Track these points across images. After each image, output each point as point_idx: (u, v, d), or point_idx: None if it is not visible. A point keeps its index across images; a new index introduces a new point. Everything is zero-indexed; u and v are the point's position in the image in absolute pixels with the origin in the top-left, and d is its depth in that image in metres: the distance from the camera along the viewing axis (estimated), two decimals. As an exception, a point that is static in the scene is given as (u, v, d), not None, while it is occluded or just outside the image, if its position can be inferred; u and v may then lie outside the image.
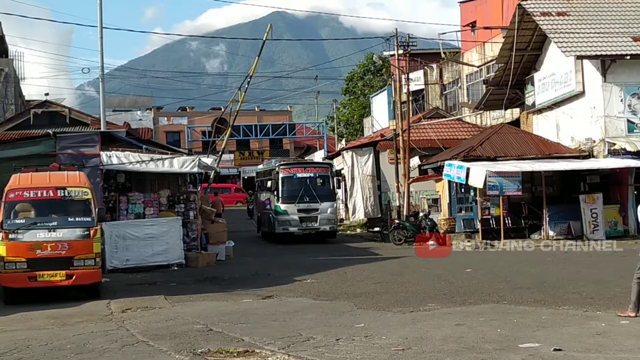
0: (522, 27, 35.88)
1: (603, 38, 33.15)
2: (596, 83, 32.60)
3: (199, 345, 11.83)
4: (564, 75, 34.39)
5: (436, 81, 55.12)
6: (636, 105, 32.25)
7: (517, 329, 12.40)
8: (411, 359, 10.41)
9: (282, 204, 33.96)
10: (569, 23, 34.40)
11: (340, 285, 19.65)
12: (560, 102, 35.25)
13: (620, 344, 11.04)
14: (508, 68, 37.65)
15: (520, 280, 19.29)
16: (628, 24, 34.48)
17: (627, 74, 32.37)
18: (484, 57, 47.08)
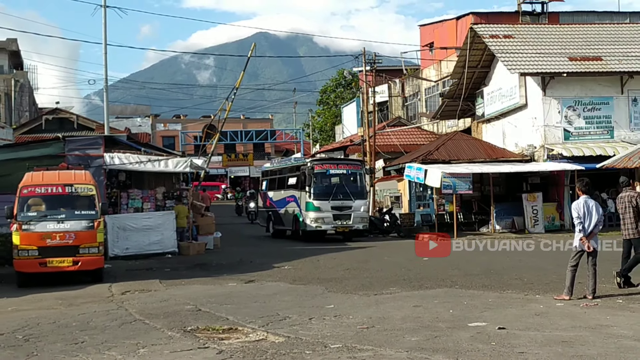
0: (474, 48, 36.03)
1: (543, 58, 33.42)
2: (537, 97, 32.81)
3: (189, 323, 11.78)
4: (510, 89, 34.60)
5: (399, 94, 55.25)
6: (571, 116, 32.51)
7: (467, 310, 12.42)
8: (374, 335, 10.41)
9: (315, 201, 29.33)
10: (514, 44, 34.63)
11: (314, 271, 19.63)
12: (506, 113, 35.46)
13: (555, 323, 11.09)
14: (461, 83, 37.86)
15: (470, 268, 19.32)
16: (565, 45, 34.77)
17: (563, 89, 32.62)
18: (440, 73, 47.25)
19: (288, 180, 32.67)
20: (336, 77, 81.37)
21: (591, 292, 13.37)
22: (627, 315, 11.72)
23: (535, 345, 9.45)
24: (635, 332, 10.17)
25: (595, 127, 32.54)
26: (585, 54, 33.90)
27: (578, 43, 35.17)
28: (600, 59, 33.46)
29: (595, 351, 9.03)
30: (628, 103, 32.87)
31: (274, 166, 37.34)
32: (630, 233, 14.70)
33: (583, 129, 32.56)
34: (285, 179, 33.10)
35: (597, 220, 13.52)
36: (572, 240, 13.98)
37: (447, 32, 49.92)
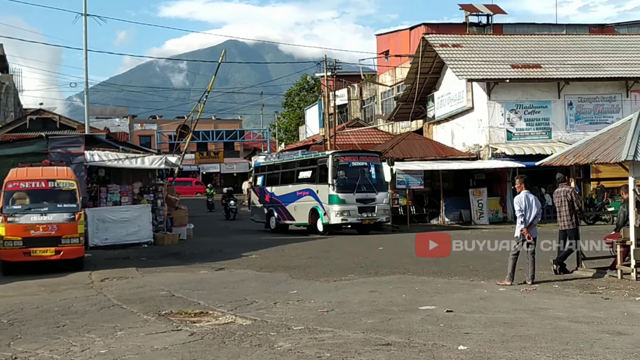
0: (425, 56, 36.23)
1: (488, 65, 33.68)
2: (482, 100, 33.09)
3: (163, 307, 11.72)
4: (458, 94, 34.84)
5: (357, 97, 55.39)
6: (513, 118, 32.83)
7: (418, 295, 12.47)
8: (334, 318, 10.43)
9: (339, 194, 26.71)
10: (462, 53, 34.86)
11: (279, 259, 19.59)
12: (455, 115, 35.70)
13: (498, 306, 11.19)
14: (414, 88, 38.07)
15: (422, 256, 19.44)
16: (507, 54, 35.09)
17: (506, 94, 32.93)
18: (395, 78, 47.43)
19: (298, 174, 29.79)
20: (300, 82, 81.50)
21: (530, 278, 13.51)
22: (562, 298, 11.86)
23: (480, 327, 9.53)
24: (569, 314, 10.30)
25: (535, 129, 32.92)
26: (526, 61, 34.23)
27: (520, 52, 35.52)
28: (539, 67, 33.82)
29: (534, 331, 9.12)
30: (564, 107, 33.29)
31: (273, 161, 33.60)
32: (566, 224, 14.89)
33: (524, 130, 32.91)
34: (294, 173, 30.17)
35: (536, 213, 13.69)
36: (513, 231, 14.14)
37: (402, 41, 50.09)
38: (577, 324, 9.54)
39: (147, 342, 9.06)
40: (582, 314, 10.34)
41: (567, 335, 8.82)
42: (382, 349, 8.31)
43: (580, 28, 48.54)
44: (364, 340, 8.87)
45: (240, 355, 8.24)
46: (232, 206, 38.66)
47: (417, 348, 8.34)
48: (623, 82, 33.63)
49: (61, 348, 8.91)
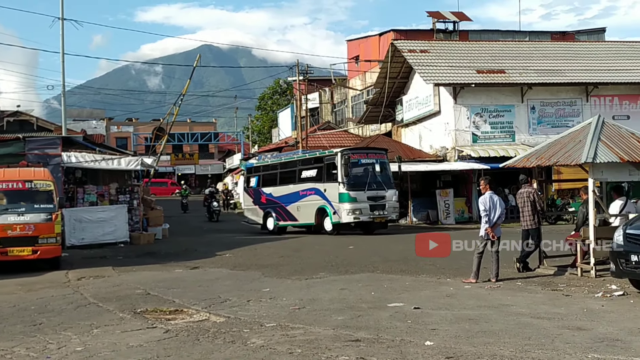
0: (394, 61, 36.36)
1: (454, 70, 33.89)
2: (449, 104, 33.27)
3: (139, 305, 11.63)
4: (425, 98, 35.01)
5: (328, 101, 55.45)
6: (479, 122, 33.04)
7: (387, 292, 12.50)
8: (305, 315, 10.42)
9: (350, 192, 25.43)
10: (429, 58, 35.03)
11: (252, 258, 19.53)
12: (422, 119, 35.87)
13: (463, 303, 11.24)
14: (383, 92, 38.21)
15: (390, 255, 19.45)
16: (473, 59, 35.32)
17: (472, 98, 33.13)
18: (365, 83, 47.54)
19: (300, 173, 28.29)
20: (273, 86, 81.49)
21: (495, 275, 13.59)
22: (525, 295, 11.94)
23: (446, 323, 9.57)
24: (531, 310, 10.38)
25: (499, 132, 33.13)
26: (490, 67, 34.50)
27: (485, 57, 35.78)
28: (503, 72, 34.09)
29: (498, 327, 9.18)
30: (527, 110, 33.57)
31: (269, 162, 31.74)
32: (529, 224, 15.03)
33: (488, 133, 33.13)
34: (295, 173, 28.60)
35: (500, 213, 13.78)
36: (478, 230, 14.22)
37: (371, 47, 50.21)
38: (539, 320, 9.61)
39: (123, 340, 8.99)
40: (543, 310, 10.42)
41: (530, 331, 8.88)
42: (351, 345, 8.32)
43: (542, 35, 48.99)
44: (334, 336, 8.86)
45: (214, 351, 8.20)
46: (215, 207, 37.19)
47: (385, 344, 8.36)
48: (583, 87, 34.00)
49: (38, 346, 8.81)
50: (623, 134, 14.35)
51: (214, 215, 36.79)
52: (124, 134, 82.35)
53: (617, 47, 39.64)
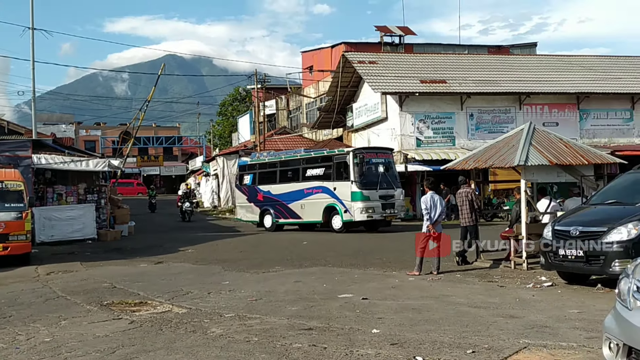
0: (345, 71, 36.46)
1: (400, 80, 34.10)
2: (395, 111, 33.47)
3: (105, 298, 11.47)
4: (373, 105, 35.16)
5: (284, 108, 55.35)
6: (422, 127, 33.30)
7: (338, 284, 12.53)
8: (262, 306, 10.39)
9: (364, 190, 24.43)
10: (377, 69, 35.21)
11: (213, 253, 19.43)
12: (371, 124, 36.00)
13: (407, 294, 11.32)
14: (335, 99, 38.28)
15: (341, 249, 19.53)
16: (417, 70, 35.59)
17: (416, 106, 33.38)
18: (318, 91, 47.58)
19: (305, 171, 27.00)
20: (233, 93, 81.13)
21: (436, 268, 13.70)
22: (464, 287, 12.07)
23: (391, 312, 9.62)
24: (469, 300, 10.49)
25: (441, 137, 33.41)
26: (433, 77, 34.80)
27: (428, 69, 36.08)
28: (445, 82, 34.42)
29: (438, 316, 9.27)
30: (466, 117, 33.96)
31: (267, 160, 29.97)
32: (467, 221, 15.21)
33: (431, 138, 33.41)
34: (298, 171, 27.33)
35: (440, 211, 13.92)
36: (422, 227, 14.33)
37: (324, 58, 50.29)
38: (475, 309, 9.72)
39: (90, 330, 8.85)
40: (480, 300, 10.54)
41: (467, 319, 8.97)
42: (304, 333, 8.31)
43: (480, 48, 49.61)
44: (288, 325, 8.85)
45: (176, 340, 8.12)
46: (187, 208, 35.43)
47: (335, 332, 8.37)
48: (517, 96, 34.51)
49: (7, 337, 8.62)
50: (552, 139, 14.62)
51: (186, 215, 35.33)
52: (92, 138, 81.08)
53: (547, 60, 40.34)
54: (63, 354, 7.60)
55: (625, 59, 40.98)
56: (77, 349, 7.83)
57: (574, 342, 7.51)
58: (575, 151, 14.23)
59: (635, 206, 11.36)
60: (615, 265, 10.50)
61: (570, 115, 35.06)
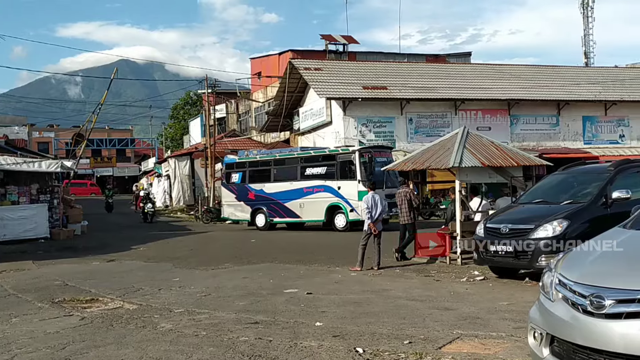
0: (292, 77, 36.40)
1: (344, 86, 34.22)
2: (339, 116, 33.57)
3: (57, 295, 11.19)
4: (319, 110, 35.21)
5: (234, 111, 55.00)
6: (364, 131, 33.47)
7: (284, 280, 12.51)
8: (210, 301, 10.29)
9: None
10: (322, 75, 35.26)
11: (164, 251, 19.18)
12: (316, 128, 36.05)
13: (349, 288, 11.37)
14: (282, 104, 38.15)
15: (287, 246, 19.53)
16: (360, 77, 35.76)
17: (359, 110, 33.54)
18: (267, 96, 47.43)
19: (304, 170, 25.74)
20: (185, 97, 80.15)
21: (377, 264, 13.81)
22: (402, 281, 12.18)
23: (334, 306, 9.64)
24: (407, 294, 10.59)
25: (382, 140, 33.54)
26: (375, 84, 35.03)
27: (370, 76, 36.30)
28: (386, 88, 34.68)
29: (378, 309, 9.32)
30: (406, 122, 34.27)
31: (259, 158, 28.20)
32: (405, 219, 15.36)
33: (373, 141, 33.55)
34: (297, 169, 25.95)
35: (381, 210, 14.04)
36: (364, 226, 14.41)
37: (272, 65, 50.18)
38: (413, 302, 9.81)
39: (41, 327, 8.62)
40: (417, 293, 10.64)
41: (405, 312, 9.05)
42: (251, 327, 8.27)
43: (419, 57, 50.16)
44: (235, 319, 8.79)
45: (127, 335, 7.98)
46: (150, 209, 33.80)
47: (280, 325, 8.35)
48: (453, 102, 35.00)
49: (-42, 335, 8.34)
50: (484, 142, 14.87)
51: (147, 216, 33.66)
52: (45, 139, 79.21)
53: (480, 69, 41.02)
54: (13, 351, 7.38)
55: (552, 68, 41.98)
56: (27, 345, 7.62)
57: (503, 332, 7.65)
58: (505, 154, 14.50)
59: (560, 205, 11.65)
60: (541, 260, 10.71)
61: (501, 120, 35.72)
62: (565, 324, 4.45)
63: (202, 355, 6.88)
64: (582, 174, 12.96)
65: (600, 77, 39.80)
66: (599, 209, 11.12)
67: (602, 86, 38.04)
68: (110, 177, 77.42)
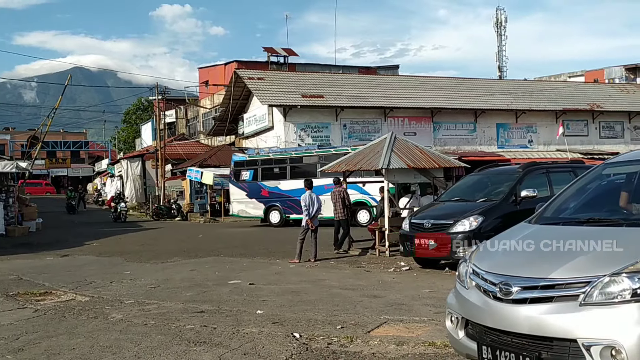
0: (237, 85, 36.09)
1: (284, 94, 34.14)
2: (280, 121, 33.48)
3: (11, 289, 10.78)
4: (262, 116, 35.02)
5: (183, 117, 54.20)
6: (303, 136, 33.46)
7: (228, 272, 12.40)
8: (159, 293, 10.11)
9: None
10: (265, 84, 35.08)
11: (116, 246, 18.74)
12: (259, 133, 35.83)
13: (288, 279, 11.36)
14: (228, 110, 37.79)
15: (232, 241, 19.36)
16: (299, 86, 35.69)
17: (298, 117, 33.52)
18: (214, 102, 46.88)
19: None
20: (136, 103, 78.55)
21: (314, 256, 13.84)
22: (336, 272, 12.24)
23: (274, 295, 9.62)
24: (340, 283, 10.65)
25: (319, 144, 33.64)
26: (312, 92, 35.05)
27: (308, 85, 36.30)
28: (322, 97, 34.75)
29: (314, 297, 9.35)
30: (340, 127, 34.43)
31: (272, 155, 26.73)
32: (340, 216, 15.43)
33: (311, 145, 33.63)
34: (316, 167, 23.72)
35: (317, 208, 14.07)
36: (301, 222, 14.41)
37: (219, 74, 49.69)
38: (345, 291, 9.87)
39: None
40: (350, 283, 10.71)
41: (338, 299, 9.10)
42: (197, 316, 8.17)
43: (352, 69, 50.49)
44: (183, 309, 8.67)
45: (78, 326, 7.76)
46: (122, 208, 31.25)
47: (224, 313, 8.27)
48: (382, 110, 35.34)
49: None
50: (410, 146, 15.09)
51: (121, 215, 31.06)
52: (1, 142, 76.41)
53: (407, 80, 41.53)
54: (-32, 342, 7.09)
55: (470, 80, 42.86)
56: (-18, 337, 7.33)
57: (425, 316, 7.77)
58: (428, 157, 14.74)
59: (476, 203, 11.93)
60: (459, 252, 10.94)
61: (425, 126, 36.28)
62: (478, 308, 4.55)
63: (151, 343, 6.76)
64: (495, 175, 13.31)
65: (512, 88, 40.86)
66: (510, 206, 11.43)
67: (514, 97, 39.08)
68: (64, 177, 75.25)
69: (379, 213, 15.55)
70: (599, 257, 4.23)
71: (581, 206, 5.51)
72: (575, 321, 3.99)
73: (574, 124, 39.28)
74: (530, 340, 4.17)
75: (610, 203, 5.43)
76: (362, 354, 6.26)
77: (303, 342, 6.69)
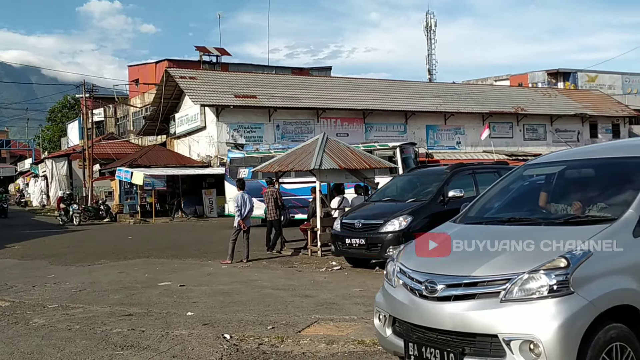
0: (168, 84, 35.56)
1: (217, 94, 33.87)
2: (213, 121, 33.21)
3: None
4: (194, 115, 34.63)
5: (112, 115, 52.86)
6: (236, 135, 33.29)
7: (158, 274, 12.18)
8: (85, 296, 9.83)
9: None
10: (197, 84, 34.70)
11: (40, 249, 18.06)
12: (192, 132, 35.43)
13: (220, 280, 11.25)
14: (159, 109, 37.13)
15: (163, 242, 19.01)
16: (232, 86, 35.48)
17: (231, 117, 33.35)
18: (144, 101, 45.92)
19: None
20: (62, 101, 76.03)
21: (246, 257, 13.76)
22: (268, 272, 12.21)
23: (205, 296, 9.51)
24: (272, 284, 10.62)
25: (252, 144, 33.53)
26: (245, 93, 34.91)
27: (241, 85, 36.11)
28: (255, 97, 34.67)
29: (246, 298, 9.30)
30: (273, 128, 34.45)
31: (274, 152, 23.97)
32: (272, 216, 15.40)
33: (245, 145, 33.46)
34: None
35: (249, 208, 14.00)
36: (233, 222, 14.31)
37: (149, 72, 48.72)
38: (277, 291, 9.86)
39: None
40: (281, 283, 10.70)
41: (270, 300, 9.08)
42: (125, 319, 7.98)
43: (285, 70, 50.54)
44: (110, 312, 8.45)
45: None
46: (75, 210, 29.06)
47: (154, 316, 8.13)
48: (315, 111, 35.57)
49: None
50: (342, 147, 15.22)
51: (74, 218, 28.78)
52: None
53: (340, 82, 41.93)
54: None
55: (401, 82, 43.66)
56: None
57: (355, 315, 7.86)
58: (360, 158, 14.91)
59: (405, 203, 12.15)
60: (389, 251, 11.08)
61: (357, 127, 36.72)
62: (404, 306, 4.65)
63: (75, 348, 6.56)
64: (424, 176, 13.61)
65: (441, 91, 41.89)
66: (438, 205, 11.70)
67: (443, 99, 40.06)
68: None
69: (311, 213, 15.61)
70: (519, 255, 4.39)
71: (503, 206, 5.70)
72: (496, 317, 4.13)
73: (500, 126, 40.62)
74: (455, 336, 4.29)
75: (530, 203, 5.65)
76: (292, 353, 6.28)
77: (234, 343, 6.65)
